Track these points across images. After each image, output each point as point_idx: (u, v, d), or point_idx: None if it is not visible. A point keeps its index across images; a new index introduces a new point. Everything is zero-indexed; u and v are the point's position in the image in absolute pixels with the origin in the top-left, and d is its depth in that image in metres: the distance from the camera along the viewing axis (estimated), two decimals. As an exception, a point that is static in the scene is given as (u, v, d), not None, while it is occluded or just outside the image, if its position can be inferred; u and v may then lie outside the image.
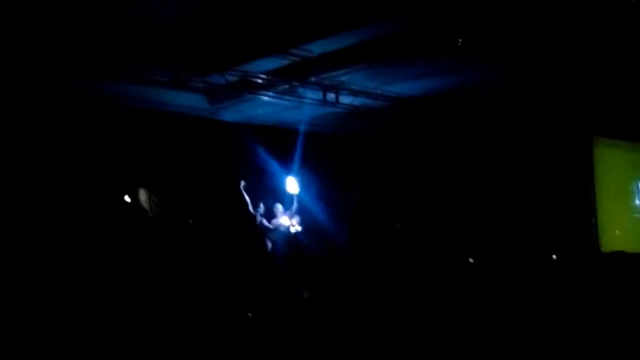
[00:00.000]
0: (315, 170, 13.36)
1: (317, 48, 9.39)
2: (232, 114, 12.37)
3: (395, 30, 8.78)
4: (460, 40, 9.11)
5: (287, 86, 10.83)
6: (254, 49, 9.65)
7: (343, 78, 10.82)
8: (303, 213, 12.56)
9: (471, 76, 10.71)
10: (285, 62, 9.93)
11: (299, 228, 12.19)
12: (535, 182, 13.88)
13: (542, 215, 13.62)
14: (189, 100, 11.55)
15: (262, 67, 10.18)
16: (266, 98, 11.16)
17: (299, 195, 12.47)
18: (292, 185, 12.09)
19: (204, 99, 11.65)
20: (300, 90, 11.01)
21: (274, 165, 12.72)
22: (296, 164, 12.86)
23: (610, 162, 13.41)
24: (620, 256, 11.52)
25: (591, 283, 10.10)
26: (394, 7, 8.11)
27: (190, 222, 13.10)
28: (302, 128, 13.05)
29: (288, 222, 12.11)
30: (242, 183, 11.80)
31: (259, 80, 10.55)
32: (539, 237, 13.26)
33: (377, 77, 10.68)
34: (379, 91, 11.44)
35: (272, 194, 12.57)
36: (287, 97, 11.18)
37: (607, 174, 13.28)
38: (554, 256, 12.16)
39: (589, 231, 13.14)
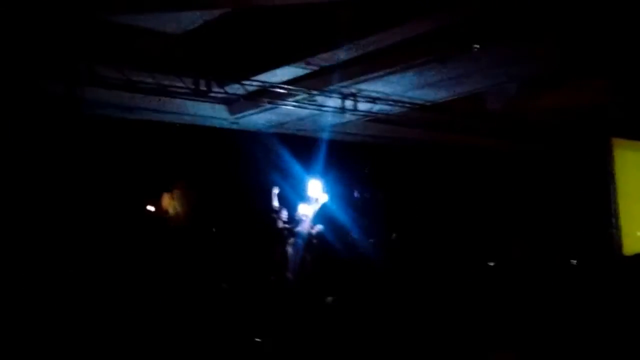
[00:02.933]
0: (336, 176, 13.43)
1: (335, 56, 9.52)
2: (252, 123, 12.50)
3: (411, 37, 8.83)
4: (476, 46, 9.14)
5: (306, 95, 10.92)
6: (273, 59, 9.77)
7: (361, 85, 10.91)
8: (324, 218, 12.59)
9: (487, 82, 10.75)
10: (303, 71, 10.05)
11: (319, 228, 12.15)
12: (556, 186, 13.85)
13: (563, 218, 13.57)
14: (210, 111, 11.70)
15: (281, 77, 10.29)
16: (285, 107, 11.26)
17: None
18: (314, 189, 12.13)
19: (224, 109, 11.80)
20: (319, 98, 11.09)
21: (294, 173, 12.80)
22: (316, 171, 12.93)
23: (631, 163, 13.29)
24: (642, 258, 11.46)
25: (613, 285, 10.07)
26: (410, 12, 8.18)
27: (214, 229, 13.27)
28: (321, 135, 13.15)
29: (309, 227, 12.13)
30: (276, 190, 11.91)
31: (278, 90, 10.66)
32: (561, 240, 13.21)
33: (395, 83, 10.75)
34: (396, 97, 11.50)
35: (293, 201, 12.63)
36: (306, 106, 11.26)
37: (627, 175, 13.17)
38: (574, 261, 12.11)
39: (611, 233, 13.04)
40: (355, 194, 14.25)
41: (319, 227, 12.14)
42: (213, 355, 8.08)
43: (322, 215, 12.43)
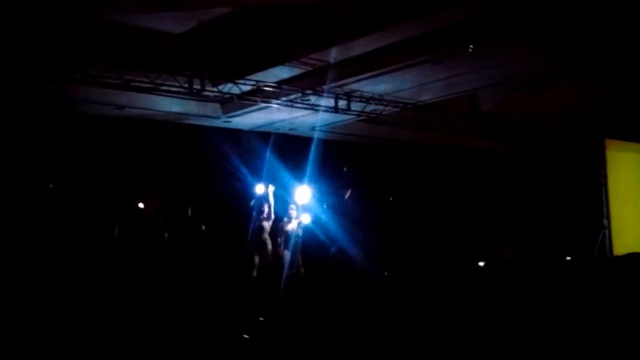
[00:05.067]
0: (328, 176, 13.45)
1: (329, 56, 9.52)
2: (245, 122, 12.48)
3: (406, 38, 8.83)
4: (471, 47, 9.15)
5: (299, 94, 10.91)
6: (267, 58, 9.74)
7: (354, 85, 10.91)
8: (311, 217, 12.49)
9: (481, 82, 10.78)
10: (297, 70, 10.03)
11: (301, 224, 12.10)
12: (548, 186, 13.91)
13: (555, 218, 13.62)
14: (204, 110, 11.67)
15: (274, 76, 10.28)
16: (279, 106, 11.25)
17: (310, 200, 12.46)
18: (301, 189, 12.11)
19: (218, 107, 11.77)
20: (313, 98, 11.08)
21: (285, 172, 12.76)
22: (308, 170, 12.93)
23: (623, 164, 13.34)
24: (633, 258, 11.50)
25: (604, 285, 10.10)
26: (405, 14, 8.18)
27: (204, 227, 13.25)
28: (314, 135, 13.15)
29: (294, 226, 12.03)
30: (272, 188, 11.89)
31: (272, 89, 10.64)
32: (553, 241, 13.26)
33: (388, 83, 10.75)
34: (389, 97, 11.51)
35: (284, 200, 12.57)
36: (299, 105, 11.25)
37: (619, 176, 13.22)
38: (568, 258, 12.15)
39: (602, 234, 13.09)
40: (346, 195, 14.21)
41: (301, 223, 12.04)
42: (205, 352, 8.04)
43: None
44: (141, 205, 14.25)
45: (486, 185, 14.45)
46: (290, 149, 13.25)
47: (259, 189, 11.91)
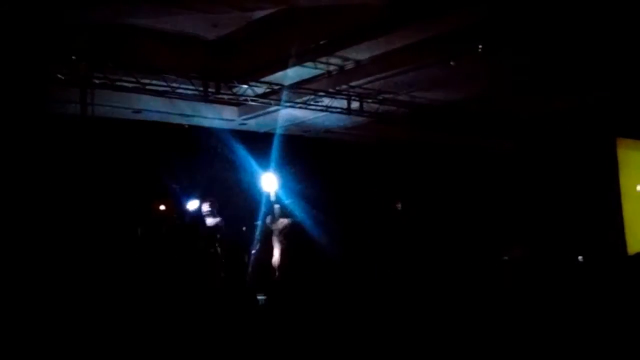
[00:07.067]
0: (341, 178, 13.54)
1: (343, 58, 9.65)
2: (260, 124, 12.61)
3: (420, 39, 8.94)
4: (480, 46, 9.24)
5: (313, 96, 11.04)
6: (281, 61, 9.89)
7: (367, 86, 11.04)
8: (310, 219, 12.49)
9: (494, 82, 10.86)
10: (310, 72, 10.18)
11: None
12: (561, 185, 13.92)
13: (568, 217, 13.64)
14: (219, 112, 11.82)
15: (288, 78, 10.43)
16: (292, 108, 11.38)
17: (318, 203, 12.48)
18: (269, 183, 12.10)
19: (233, 110, 11.93)
20: (326, 99, 11.21)
21: (298, 172, 12.82)
22: (320, 172, 13.03)
23: (635, 163, 13.35)
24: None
25: (617, 284, 10.15)
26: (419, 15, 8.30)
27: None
28: (329, 136, 13.25)
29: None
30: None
31: (286, 91, 10.79)
32: (566, 240, 13.28)
33: (401, 84, 10.86)
34: (402, 98, 11.61)
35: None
36: (313, 107, 11.39)
37: (631, 175, 13.24)
38: (580, 258, 12.17)
39: (616, 233, 13.11)
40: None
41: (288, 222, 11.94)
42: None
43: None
44: (162, 207, 14.41)
45: (499, 184, 14.48)
46: (309, 150, 13.31)
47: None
